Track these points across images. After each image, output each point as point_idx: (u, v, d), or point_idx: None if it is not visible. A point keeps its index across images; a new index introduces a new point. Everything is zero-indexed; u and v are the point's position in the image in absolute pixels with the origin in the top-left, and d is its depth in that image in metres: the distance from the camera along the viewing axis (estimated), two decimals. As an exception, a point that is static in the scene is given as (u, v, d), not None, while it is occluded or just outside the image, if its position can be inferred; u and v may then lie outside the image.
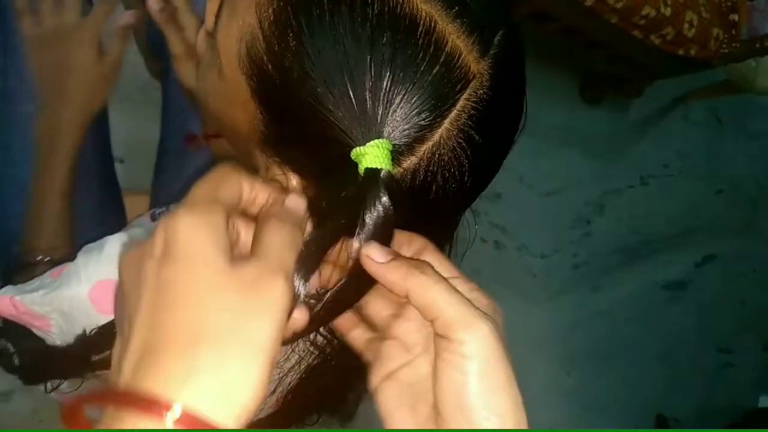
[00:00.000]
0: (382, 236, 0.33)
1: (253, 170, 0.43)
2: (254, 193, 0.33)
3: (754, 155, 2.37)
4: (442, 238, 0.41)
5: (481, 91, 0.34)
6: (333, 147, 0.34)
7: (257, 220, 0.32)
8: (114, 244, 0.47)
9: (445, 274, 0.34)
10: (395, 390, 0.35)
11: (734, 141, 2.33)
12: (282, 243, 0.30)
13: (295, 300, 0.31)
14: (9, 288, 0.48)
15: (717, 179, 2.27)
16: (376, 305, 0.37)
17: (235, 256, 0.29)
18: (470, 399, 0.30)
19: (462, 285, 0.34)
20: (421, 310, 0.32)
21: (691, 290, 2.14)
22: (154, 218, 0.61)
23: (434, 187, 0.35)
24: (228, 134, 0.44)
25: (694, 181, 2.21)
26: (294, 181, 0.38)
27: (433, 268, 0.33)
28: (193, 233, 0.28)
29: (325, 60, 0.32)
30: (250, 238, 0.32)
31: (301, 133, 0.35)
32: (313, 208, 0.40)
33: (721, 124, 2.30)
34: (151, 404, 0.24)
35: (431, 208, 0.36)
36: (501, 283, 1.71)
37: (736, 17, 1.54)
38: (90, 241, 0.48)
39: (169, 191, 0.78)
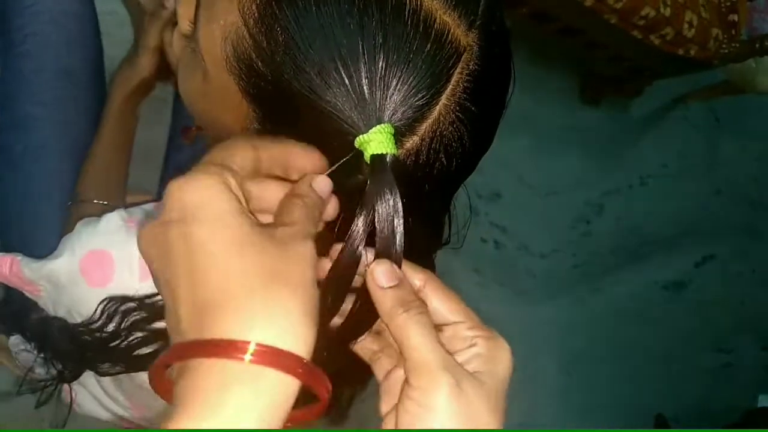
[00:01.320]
0: (393, 232, 0.32)
1: None
2: (266, 155, 0.33)
3: (754, 155, 2.36)
4: (441, 213, 0.42)
5: (473, 63, 0.34)
6: (335, 137, 0.33)
7: (287, 195, 0.33)
8: (112, 218, 0.48)
9: (450, 316, 0.33)
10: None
11: (734, 141, 2.32)
12: (307, 216, 0.31)
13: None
14: (20, 254, 0.50)
15: (717, 179, 2.27)
16: None
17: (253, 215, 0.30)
18: None
19: (465, 331, 0.32)
20: (398, 346, 0.31)
21: (691, 290, 2.13)
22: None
23: (437, 163, 0.35)
24: (220, 132, 0.43)
25: (693, 181, 2.21)
26: None
27: (426, 309, 0.32)
28: (207, 193, 0.29)
29: (317, 51, 0.32)
30: (263, 197, 0.33)
31: (300, 126, 0.35)
32: None
33: (720, 124, 2.30)
34: (228, 346, 0.25)
35: (436, 182, 0.37)
36: (501, 283, 1.71)
37: (735, 17, 1.54)
38: None
39: None
